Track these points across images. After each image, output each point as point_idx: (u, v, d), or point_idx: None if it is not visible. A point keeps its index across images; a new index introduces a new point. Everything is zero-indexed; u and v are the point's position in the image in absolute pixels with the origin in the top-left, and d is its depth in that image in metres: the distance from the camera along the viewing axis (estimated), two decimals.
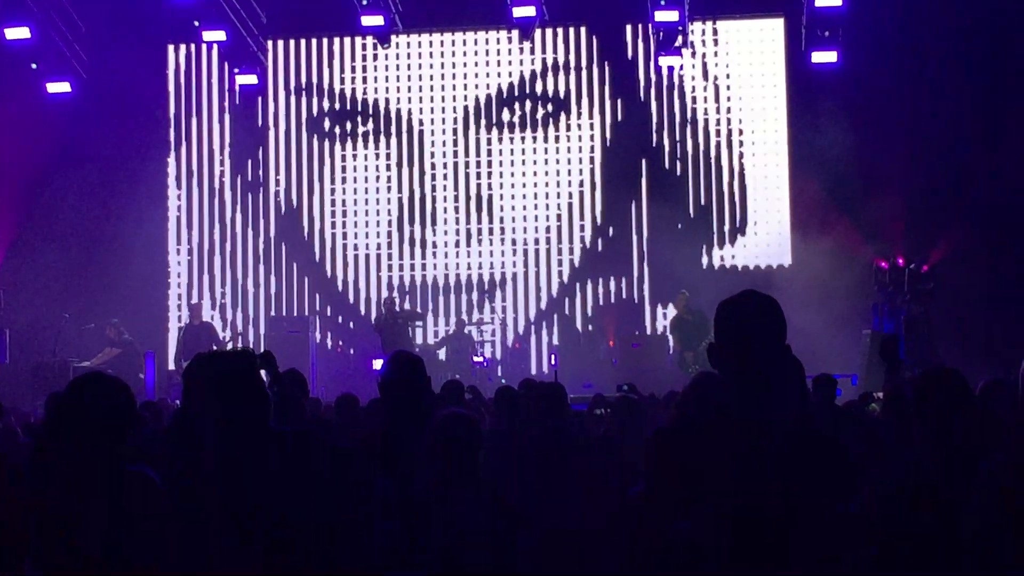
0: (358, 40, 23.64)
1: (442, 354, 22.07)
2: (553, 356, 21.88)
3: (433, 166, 23.68)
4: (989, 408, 6.39)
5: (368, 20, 21.86)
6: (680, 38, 21.94)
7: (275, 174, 23.95)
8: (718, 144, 23.07)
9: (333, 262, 23.75)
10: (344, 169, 23.89)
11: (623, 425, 9.40)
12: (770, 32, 23.06)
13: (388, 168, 23.73)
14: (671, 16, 21.24)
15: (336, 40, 23.87)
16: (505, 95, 23.58)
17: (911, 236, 21.05)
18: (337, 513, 4.46)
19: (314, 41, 23.96)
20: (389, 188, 23.72)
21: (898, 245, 20.81)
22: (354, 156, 23.87)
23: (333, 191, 23.84)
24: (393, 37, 23.18)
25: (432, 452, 5.49)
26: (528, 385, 10.85)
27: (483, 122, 23.58)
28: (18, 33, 21.21)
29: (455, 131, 23.67)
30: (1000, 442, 5.28)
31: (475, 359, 21.36)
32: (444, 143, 23.70)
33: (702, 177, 23.09)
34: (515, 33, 23.11)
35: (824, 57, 21.26)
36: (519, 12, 21.61)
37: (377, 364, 18.04)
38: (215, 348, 18.73)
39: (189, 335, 21.10)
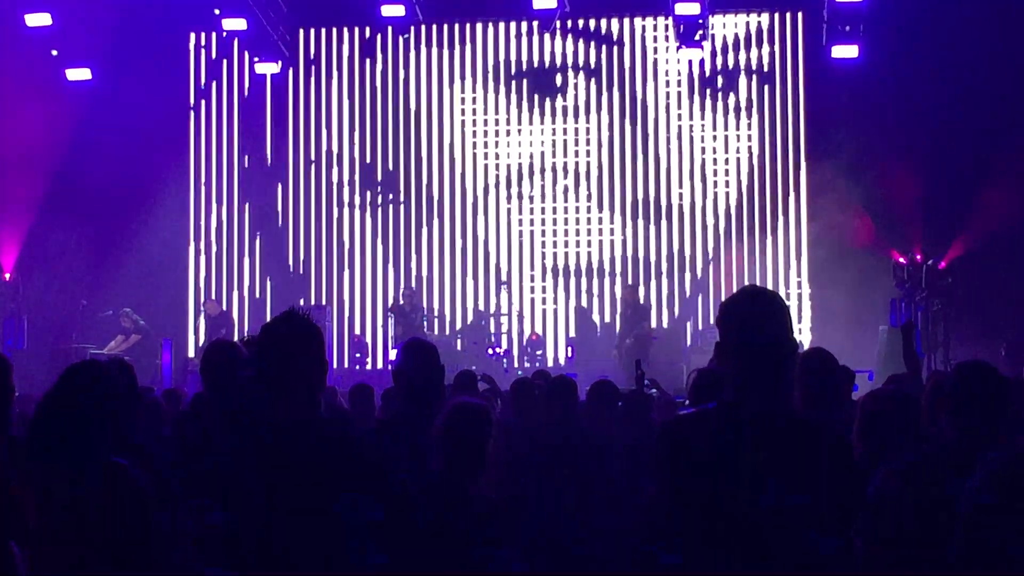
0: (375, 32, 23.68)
1: (458, 345, 22.10)
2: (570, 348, 21.87)
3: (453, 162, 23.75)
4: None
5: (388, 10, 21.84)
6: (700, 31, 21.90)
7: (292, 162, 23.98)
8: (731, 137, 23.04)
9: (349, 249, 23.79)
10: (353, 158, 23.93)
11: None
12: (789, 26, 22.99)
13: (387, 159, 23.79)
14: (692, 9, 21.21)
15: (356, 29, 23.89)
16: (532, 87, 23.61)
17: (930, 232, 20.99)
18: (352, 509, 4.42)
19: (334, 30, 23.99)
20: (393, 178, 23.78)
21: (916, 240, 20.76)
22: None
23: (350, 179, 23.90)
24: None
25: (442, 440, 5.49)
26: (543, 376, 10.87)
27: (510, 114, 23.60)
28: (39, 19, 21.24)
29: (476, 123, 23.70)
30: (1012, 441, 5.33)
31: (491, 350, 21.38)
32: (474, 135, 23.75)
33: (720, 171, 23.08)
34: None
35: (845, 52, 21.19)
36: (539, 4, 21.59)
37: (393, 354, 18.09)
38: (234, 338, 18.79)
39: (209, 328, 21.27)
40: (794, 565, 3.89)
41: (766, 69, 23.04)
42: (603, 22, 23.43)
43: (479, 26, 23.78)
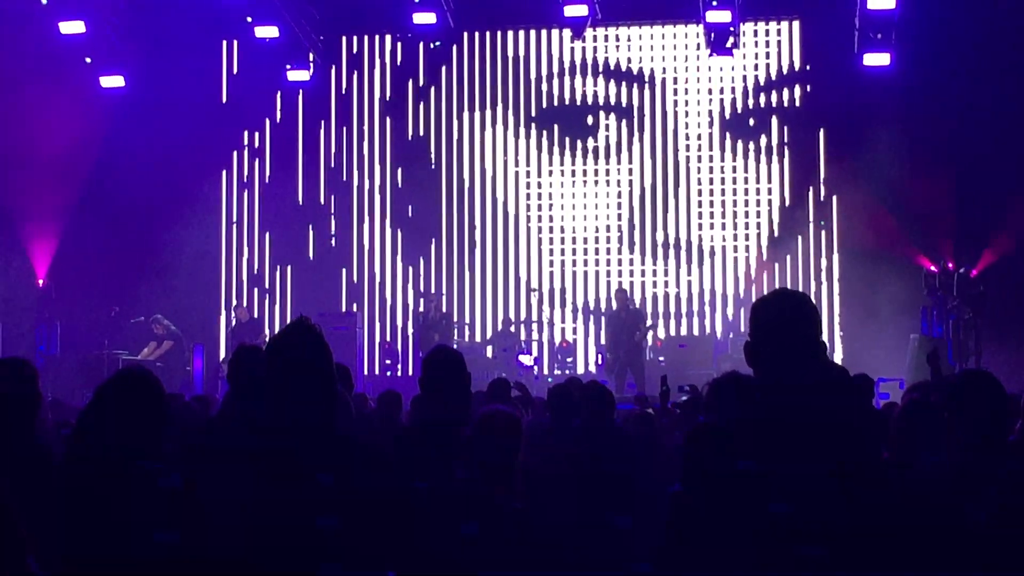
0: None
1: (488, 352, 22.12)
2: (601, 356, 21.84)
3: (483, 172, 23.80)
4: None
5: (420, 18, 21.91)
6: (732, 38, 21.89)
7: (324, 168, 24.09)
8: (766, 145, 23.01)
9: (369, 261, 23.86)
10: (378, 165, 24.01)
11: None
12: (822, 34, 22.92)
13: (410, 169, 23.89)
14: (723, 16, 21.21)
15: (388, 38, 23.96)
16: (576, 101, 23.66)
17: (961, 240, 20.91)
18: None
19: (366, 38, 24.07)
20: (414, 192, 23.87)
21: (948, 249, 20.69)
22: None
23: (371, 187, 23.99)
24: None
25: (473, 449, 5.49)
26: (577, 384, 10.89)
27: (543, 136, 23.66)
28: (73, 27, 21.34)
29: (508, 161, 23.77)
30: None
31: (521, 358, 21.38)
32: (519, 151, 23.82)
33: (751, 178, 23.05)
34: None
35: (877, 59, 21.11)
36: (571, 11, 21.62)
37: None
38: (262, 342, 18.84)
39: (239, 333, 21.30)
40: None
41: (798, 104, 22.99)
42: (634, 32, 23.44)
43: (510, 34, 23.81)
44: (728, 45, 21.95)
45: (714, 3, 21.07)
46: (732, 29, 21.71)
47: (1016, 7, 20.79)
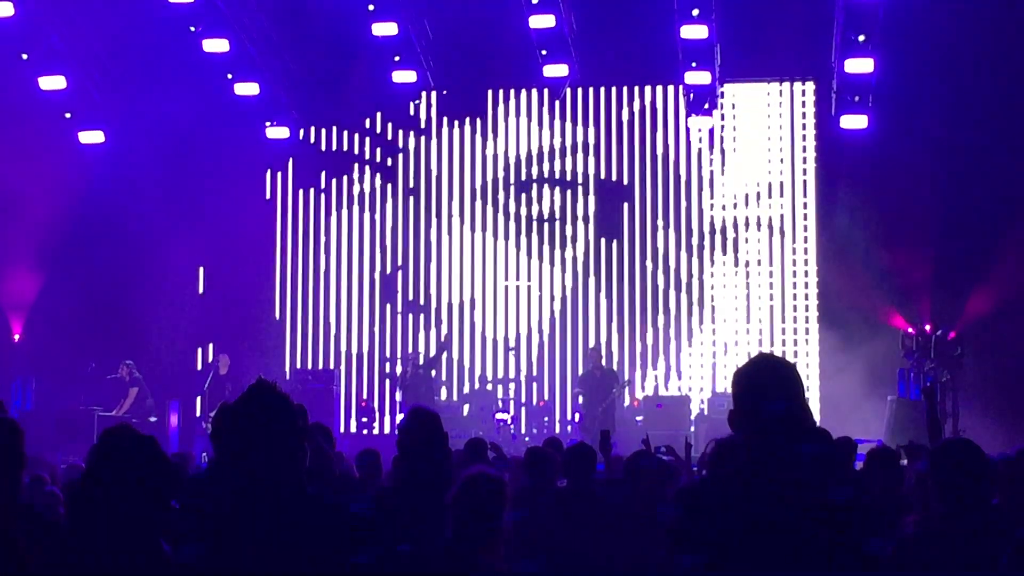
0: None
1: (465, 411, 22.07)
2: (578, 415, 21.79)
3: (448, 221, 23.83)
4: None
5: (400, 77, 22.01)
6: (709, 101, 22.02)
7: (290, 234, 24.10)
8: (745, 203, 23.06)
9: (359, 311, 23.84)
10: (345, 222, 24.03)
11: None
12: (799, 96, 23.07)
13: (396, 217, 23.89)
14: (703, 78, 21.36)
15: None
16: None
17: (938, 302, 20.98)
18: None
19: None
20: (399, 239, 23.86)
21: (926, 311, 20.77)
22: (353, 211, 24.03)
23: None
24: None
25: (458, 511, 5.46)
26: (555, 445, 10.87)
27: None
28: (53, 83, 21.33)
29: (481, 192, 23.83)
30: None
31: (498, 416, 21.32)
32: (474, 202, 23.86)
33: (728, 238, 23.10)
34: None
35: (854, 122, 21.23)
36: (550, 72, 21.75)
37: (399, 419, 18.06)
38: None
39: (214, 386, 21.17)
40: None
41: (779, 138, 23.08)
42: (614, 95, 23.55)
43: (489, 93, 23.89)
44: (706, 107, 22.10)
45: (693, 64, 21.21)
46: (711, 90, 21.86)
47: (991, 65, 21.02)
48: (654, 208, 23.29)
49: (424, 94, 23.72)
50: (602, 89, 23.55)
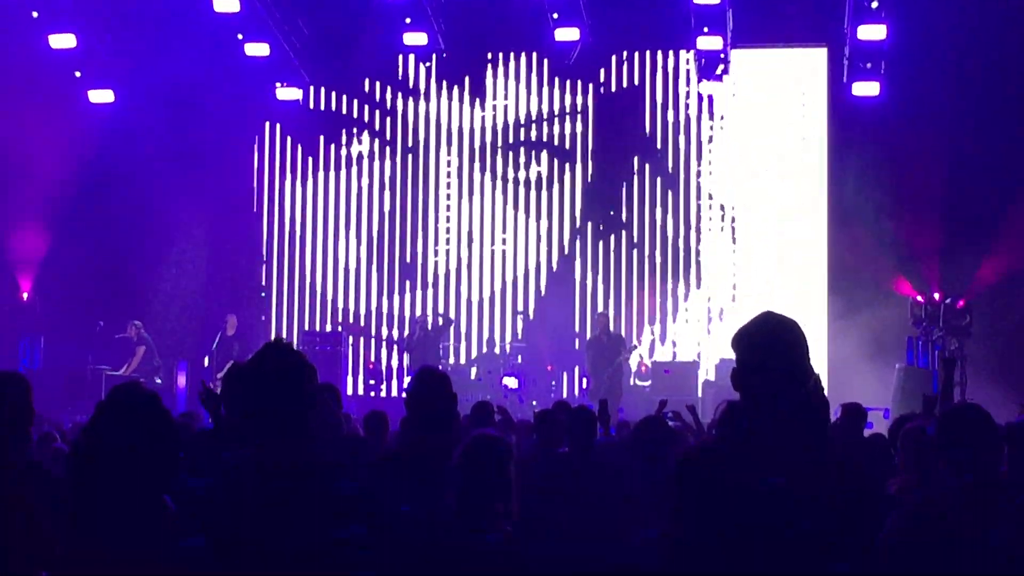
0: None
1: (472, 373, 22.07)
2: (586, 380, 21.78)
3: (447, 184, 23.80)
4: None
5: (411, 38, 21.93)
6: (721, 66, 21.95)
7: (290, 190, 24.09)
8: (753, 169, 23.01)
9: (367, 273, 23.84)
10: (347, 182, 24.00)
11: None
12: (811, 62, 22.97)
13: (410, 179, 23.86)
14: (714, 43, 21.27)
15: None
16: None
17: (948, 271, 20.94)
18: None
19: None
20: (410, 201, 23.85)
21: (935, 279, 20.73)
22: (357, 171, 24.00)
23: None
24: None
25: (462, 474, 5.44)
26: (564, 408, 10.85)
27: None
28: (64, 41, 21.26)
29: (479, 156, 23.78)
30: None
31: (506, 380, 21.30)
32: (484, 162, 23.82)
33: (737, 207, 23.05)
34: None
35: (866, 89, 21.15)
36: (562, 35, 21.68)
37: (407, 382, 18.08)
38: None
39: (222, 346, 21.20)
40: None
41: (791, 105, 23.00)
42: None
43: (500, 66, 23.81)
44: (718, 72, 22.02)
45: (705, 30, 21.13)
46: (723, 56, 21.78)
47: (1004, 34, 20.91)
48: (663, 172, 23.22)
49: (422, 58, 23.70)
50: (613, 57, 23.44)
